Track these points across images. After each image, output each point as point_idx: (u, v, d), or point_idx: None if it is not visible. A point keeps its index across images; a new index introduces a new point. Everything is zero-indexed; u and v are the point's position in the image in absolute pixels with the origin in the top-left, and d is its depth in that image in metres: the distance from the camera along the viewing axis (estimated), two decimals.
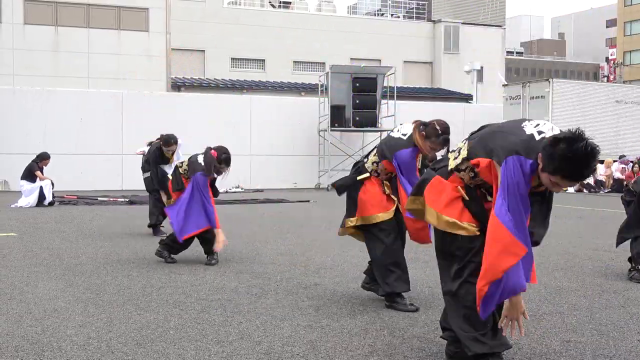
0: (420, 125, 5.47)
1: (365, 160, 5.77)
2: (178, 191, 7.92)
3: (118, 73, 31.18)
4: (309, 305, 5.53)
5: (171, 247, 7.73)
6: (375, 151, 5.74)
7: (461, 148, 3.94)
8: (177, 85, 33.80)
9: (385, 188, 5.64)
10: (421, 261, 7.82)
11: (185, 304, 5.51)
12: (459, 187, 3.90)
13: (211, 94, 28.32)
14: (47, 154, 15.52)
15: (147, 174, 10.21)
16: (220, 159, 7.39)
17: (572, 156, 3.30)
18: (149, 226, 10.43)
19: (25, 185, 15.09)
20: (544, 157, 3.40)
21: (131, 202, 15.99)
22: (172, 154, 9.88)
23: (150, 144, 10.37)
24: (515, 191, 3.49)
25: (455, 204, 3.89)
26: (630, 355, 4.22)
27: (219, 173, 7.49)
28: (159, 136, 10.05)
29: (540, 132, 3.55)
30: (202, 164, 7.47)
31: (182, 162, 8.13)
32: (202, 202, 7.46)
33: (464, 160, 3.86)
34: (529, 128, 3.60)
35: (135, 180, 16.73)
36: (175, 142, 9.79)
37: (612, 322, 5.01)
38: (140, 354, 4.18)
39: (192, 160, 7.71)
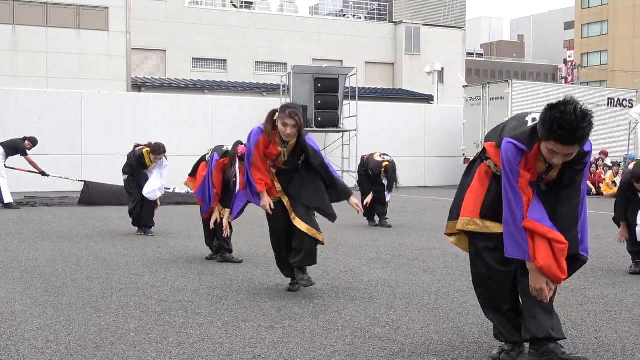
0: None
1: None
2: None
3: (78, 73, 30.81)
4: (270, 306, 5.53)
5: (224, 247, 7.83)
6: None
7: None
8: (138, 85, 33.48)
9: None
10: (382, 261, 7.86)
11: (146, 306, 5.47)
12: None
13: (172, 94, 28.10)
14: (36, 139, 15.12)
15: (127, 176, 10.58)
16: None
17: (561, 117, 3.46)
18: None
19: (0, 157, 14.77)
20: (539, 126, 3.60)
21: (87, 187, 15.83)
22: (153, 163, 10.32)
23: (136, 146, 10.57)
24: (507, 171, 3.73)
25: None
26: (587, 352, 4.29)
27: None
28: (147, 143, 10.46)
29: (534, 119, 3.76)
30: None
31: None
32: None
33: (483, 149, 4.12)
34: (530, 117, 3.83)
35: (96, 180, 16.55)
36: (165, 151, 10.20)
37: (570, 320, 5.08)
38: (99, 357, 4.13)
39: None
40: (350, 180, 23.96)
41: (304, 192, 6.02)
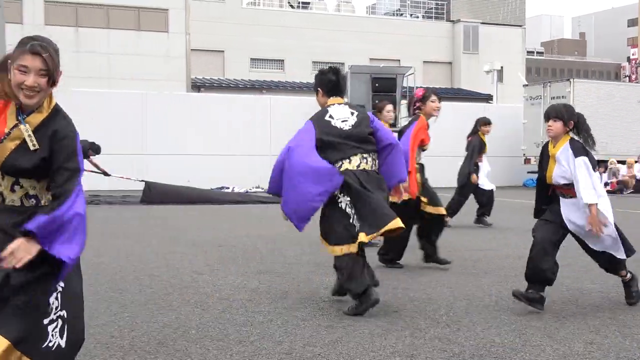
0: None
1: None
2: None
3: (138, 73, 31.36)
4: (330, 305, 5.53)
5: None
6: None
7: None
8: (197, 86, 33.93)
9: None
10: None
11: (207, 304, 5.53)
12: None
13: (231, 94, 28.38)
14: (99, 149, 15.16)
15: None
16: None
17: None
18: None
19: None
20: None
21: (148, 187, 16.15)
22: None
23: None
24: None
25: None
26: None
27: None
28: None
29: None
30: None
31: None
32: None
33: None
34: None
35: (159, 179, 16.83)
36: None
37: (636, 324, 4.97)
38: (162, 353, 4.20)
39: None
40: None
41: None
